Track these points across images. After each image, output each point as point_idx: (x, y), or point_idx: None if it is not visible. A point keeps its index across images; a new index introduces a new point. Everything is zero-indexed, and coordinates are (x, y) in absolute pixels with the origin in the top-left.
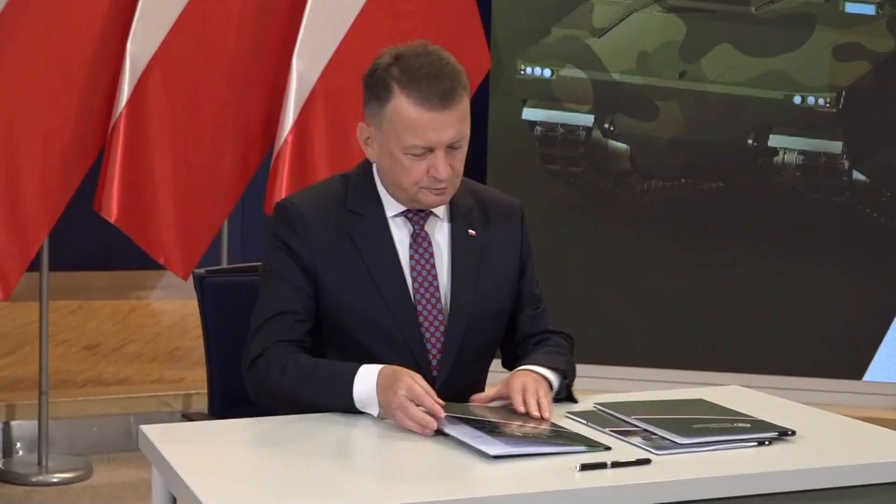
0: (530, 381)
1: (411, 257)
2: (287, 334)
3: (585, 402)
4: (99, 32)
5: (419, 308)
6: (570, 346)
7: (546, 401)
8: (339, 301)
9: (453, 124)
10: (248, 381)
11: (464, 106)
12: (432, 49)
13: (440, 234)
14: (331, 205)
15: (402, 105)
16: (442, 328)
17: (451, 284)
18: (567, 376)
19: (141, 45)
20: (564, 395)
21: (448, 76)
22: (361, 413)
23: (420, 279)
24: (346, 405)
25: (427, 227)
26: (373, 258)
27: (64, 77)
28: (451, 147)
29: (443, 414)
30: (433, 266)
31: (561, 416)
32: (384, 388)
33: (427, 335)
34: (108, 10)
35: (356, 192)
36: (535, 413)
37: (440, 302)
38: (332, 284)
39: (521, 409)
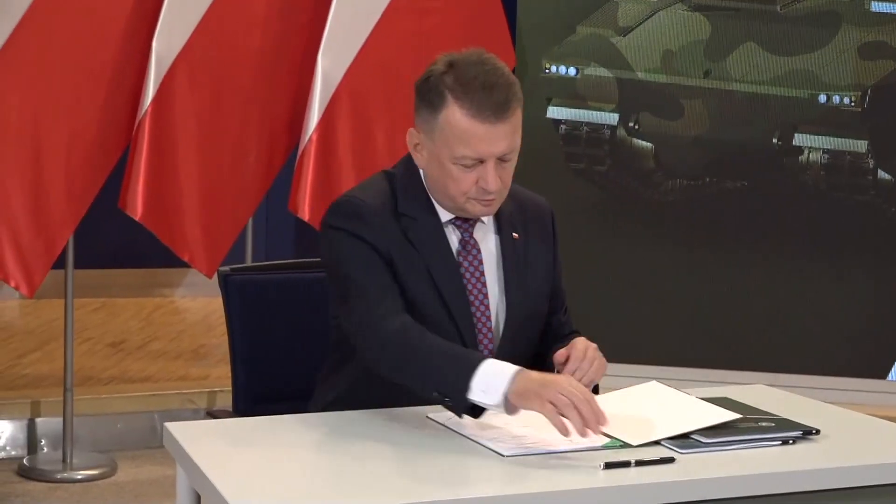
0: (592, 351)
1: (460, 265)
2: (401, 305)
3: None
4: (124, 30)
5: (472, 313)
6: None
7: (593, 374)
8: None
9: (505, 137)
10: (376, 346)
11: (517, 118)
12: (487, 58)
13: (488, 241)
14: (385, 204)
15: (455, 115)
16: (490, 335)
17: (505, 290)
18: None
19: (166, 44)
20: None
21: (503, 88)
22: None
23: (470, 286)
24: (462, 382)
25: (476, 235)
26: (431, 261)
27: (89, 75)
28: (502, 159)
29: (606, 422)
30: (482, 273)
31: None
32: (543, 379)
33: (478, 341)
34: (134, 8)
35: (405, 194)
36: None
37: (489, 309)
38: (400, 282)
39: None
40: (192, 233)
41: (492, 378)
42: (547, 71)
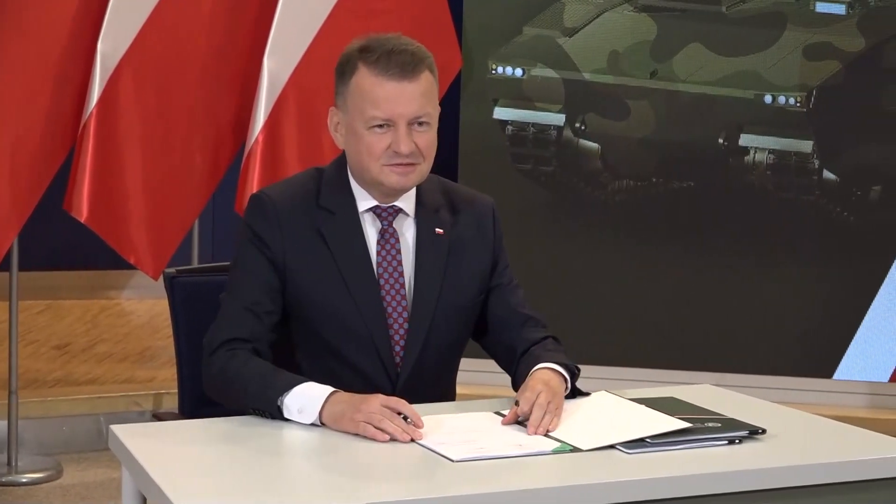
0: (545, 392)
1: (378, 253)
2: (250, 331)
3: None
4: (69, 31)
5: (384, 304)
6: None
7: (551, 415)
8: (306, 295)
9: (414, 98)
10: (204, 371)
11: (427, 84)
12: (401, 35)
13: (408, 232)
14: (303, 199)
15: (363, 76)
16: (406, 325)
17: (415, 282)
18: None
19: (111, 44)
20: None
21: (410, 53)
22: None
23: (386, 276)
24: (269, 402)
25: (395, 224)
26: (342, 254)
27: (34, 76)
28: (416, 124)
29: (422, 425)
30: (399, 263)
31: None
32: (355, 402)
33: (391, 332)
34: (79, 8)
35: (329, 187)
36: (534, 430)
37: (405, 299)
38: (301, 279)
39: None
40: (138, 235)
41: (307, 401)
42: (493, 72)
